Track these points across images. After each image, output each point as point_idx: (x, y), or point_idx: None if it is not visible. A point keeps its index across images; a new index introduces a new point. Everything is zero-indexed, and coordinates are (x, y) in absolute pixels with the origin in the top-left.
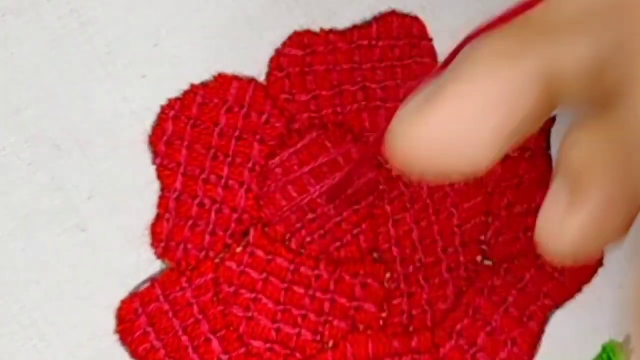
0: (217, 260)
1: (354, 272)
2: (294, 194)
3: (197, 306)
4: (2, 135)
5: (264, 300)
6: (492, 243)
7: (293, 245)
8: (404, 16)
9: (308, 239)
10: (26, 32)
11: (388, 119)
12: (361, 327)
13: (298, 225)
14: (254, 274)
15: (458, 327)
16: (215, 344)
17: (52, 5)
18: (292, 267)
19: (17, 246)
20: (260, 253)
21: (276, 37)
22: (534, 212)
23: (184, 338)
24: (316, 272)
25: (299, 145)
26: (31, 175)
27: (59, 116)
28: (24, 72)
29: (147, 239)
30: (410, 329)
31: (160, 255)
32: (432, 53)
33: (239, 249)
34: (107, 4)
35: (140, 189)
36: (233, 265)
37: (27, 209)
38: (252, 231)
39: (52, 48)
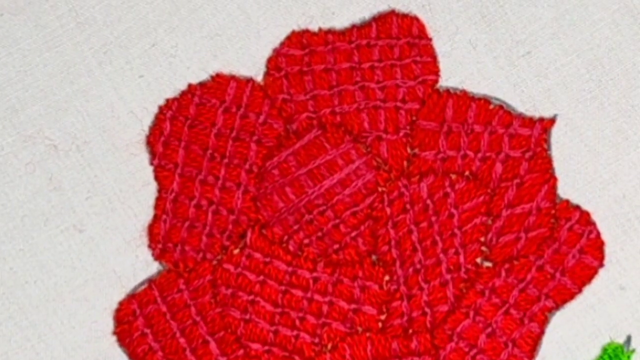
0: (214, 262)
1: (352, 275)
2: (292, 196)
3: (194, 308)
4: None
5: (262, 302)
6: (493, 244)
7: (291, 247)
8: (403, 16)
9: (306, 241)
10: (24, 32)
11: (387, 119)
12: (360, 329)
13: (296, 227)
14: (252, 276)
15: (458, 328)
16: (213, 346)
17: (50, 4)
18: (290, 269)
19: (14, 247)
20: (257, 255)
21: (274, 37)
22: (535, 212)
23: (182, 340)
24: (314, 274)
25: (297, 146)
26: (28, 175)
27: (57, 116)
28: (21, 71)
29: (144, 240)
30: (410, 331)
31: (157, 257)
32: (432, 53)
33: (236, 251)
34: (105, 4)
35: (137, 190)
36: (231, 267)
37: (24, 209)
38: (249, 233)
39: (49, 48)
